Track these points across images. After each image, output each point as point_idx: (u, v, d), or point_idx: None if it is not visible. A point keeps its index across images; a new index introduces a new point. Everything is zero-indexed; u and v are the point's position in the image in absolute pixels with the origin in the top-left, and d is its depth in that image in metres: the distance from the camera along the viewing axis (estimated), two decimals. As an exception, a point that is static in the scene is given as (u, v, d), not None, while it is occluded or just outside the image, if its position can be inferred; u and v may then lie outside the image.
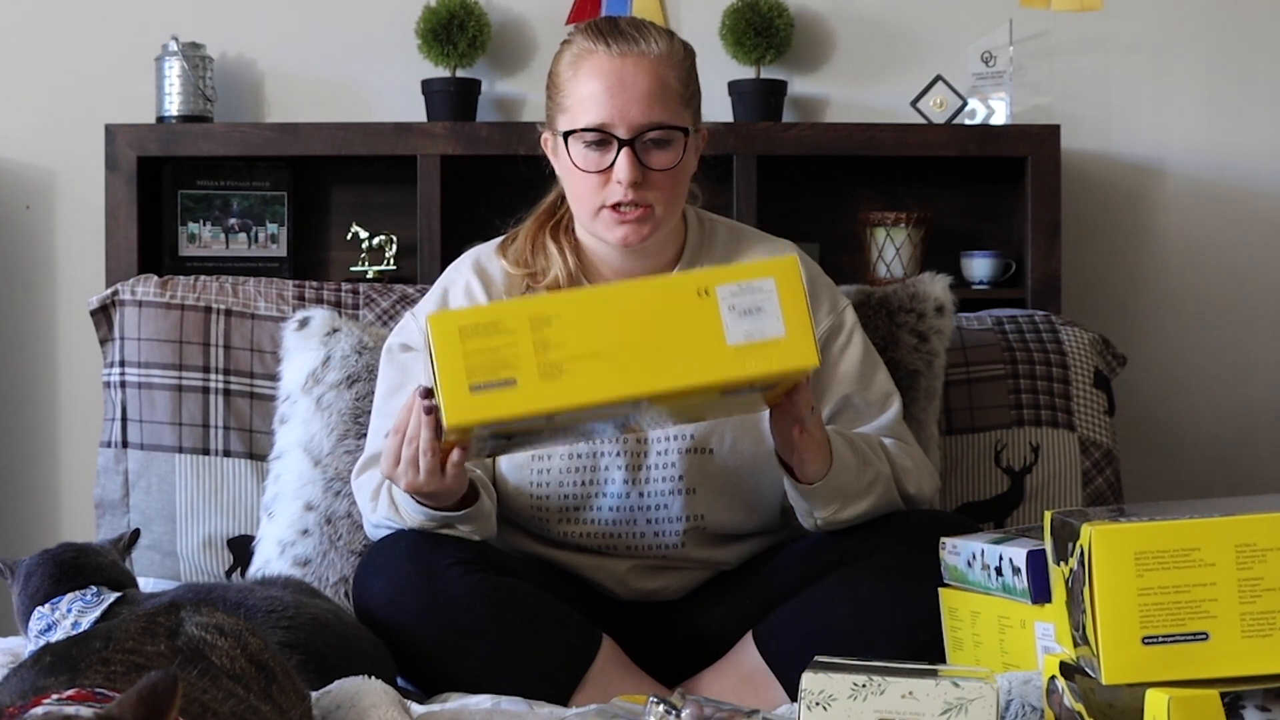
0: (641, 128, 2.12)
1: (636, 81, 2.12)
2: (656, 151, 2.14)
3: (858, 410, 2.25)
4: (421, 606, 2.03)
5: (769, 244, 2.32)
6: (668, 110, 2.14)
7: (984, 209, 3.13)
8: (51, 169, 3.13)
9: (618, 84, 2.12)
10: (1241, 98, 3.20)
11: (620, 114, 2.12)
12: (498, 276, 2.28)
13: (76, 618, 1.99)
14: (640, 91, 2.12)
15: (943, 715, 1.57)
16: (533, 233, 2.28)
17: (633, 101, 2.12)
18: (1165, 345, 3.20)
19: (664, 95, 2.14)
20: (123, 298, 2.71)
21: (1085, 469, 2.69)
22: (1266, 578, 1.55)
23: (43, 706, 1.26)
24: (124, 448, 2.66)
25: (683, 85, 2.17)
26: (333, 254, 3.11)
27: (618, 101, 2.12)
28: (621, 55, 2.13)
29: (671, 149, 2.15)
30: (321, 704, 1.73)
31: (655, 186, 2.14)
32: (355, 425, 2.47)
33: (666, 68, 2.15)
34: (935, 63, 3.11)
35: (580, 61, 2.15)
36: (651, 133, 2.13)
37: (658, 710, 1.68)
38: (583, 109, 2.13)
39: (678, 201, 2.20)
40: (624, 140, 2.12)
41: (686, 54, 2.20)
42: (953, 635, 2.03)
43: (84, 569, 2.07)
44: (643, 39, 2.15)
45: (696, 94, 2.21)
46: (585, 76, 2.14)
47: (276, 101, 3.15)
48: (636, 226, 2.16)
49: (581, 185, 2.16)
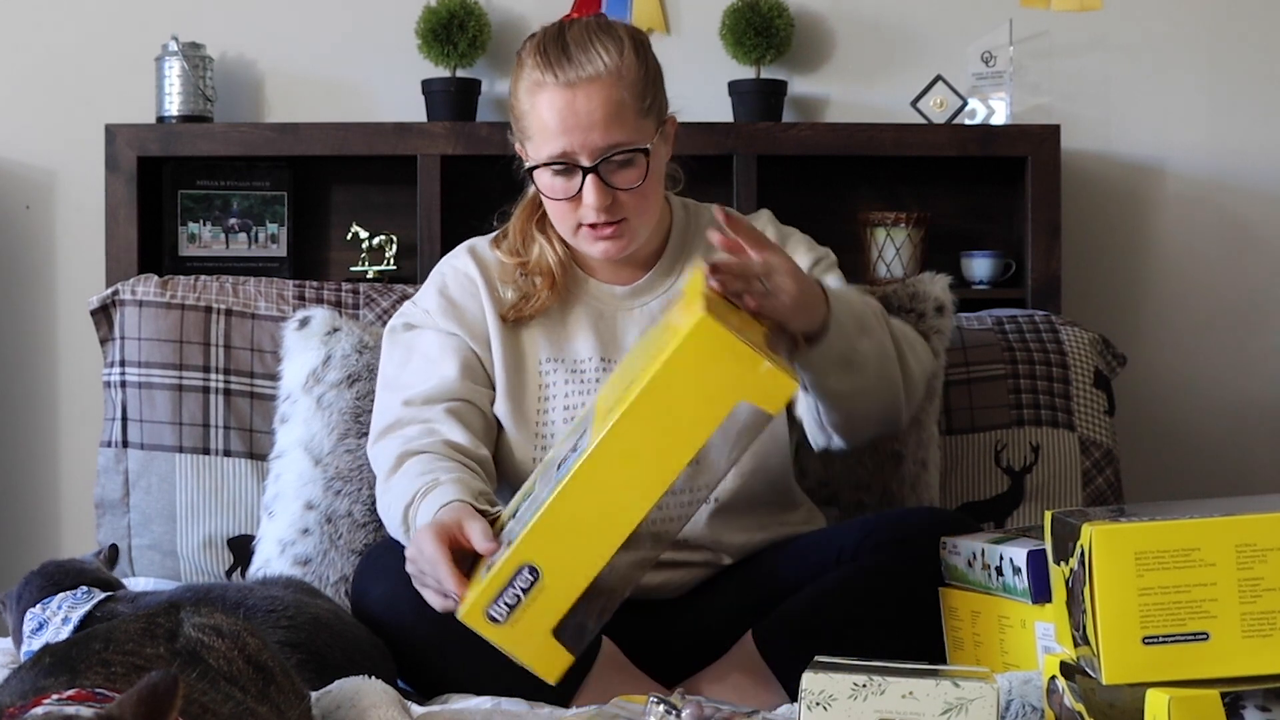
0: (602, 152, 2.13)
1: (590, 110, 2.12)
2: (620, 172, 2.16)
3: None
4: (419, 610, 2.03)
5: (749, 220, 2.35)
6: (625, 129, 2.14)
7: (984, 209, 3.13)
8: (51, 169, 3.13)
9: (571, 116, 2.13)
10: (1241, 98, 3.20)
11: (580, 144, 2.13)
12: (492, 262, 2.31)
13: (66, 613, 2.00)
14: (595, 120, 2.12)
15: (943, 715, 1.57)
16: (521, 225, 2.31)
17: (588, 130, 2.13)
18: (1165, 345, 3.19)
19: (620, 116, 2.14)
20: (123, 298, 2.71)
21: (1085, 469, 2.69)
22: (1267, 578, 1.55)
23: (43, 707, 1.26)
24: (124, 447, 2.66)
25: (638, 98, 2.16)
26: (333, 254, 3.11)
27: (575, 134, 2.13)
28: (571, 86, 2.13)
29: (635, 167, 2.16)
30: (321, 704, 1.73)
31: (627, 203, 2.17)
32: (356, 424, 2.47)
33: (618, 87, 2.14)
34: (935, 63, 3.11)
35: (535, 92, 2.16)
36: (614, 156, 2.14)
37: (658, 710, 1.68)
38: (544, 140, 2.15)
39: (653, 209, 2.22)
40: (587, 168, 2.14)
41: (638, 55, 2.18)
42: (953, 635, 2.03)
43: (71, 573, 2.11)
44: (589, 60, 2.13)
45: (657, 95, 2.21)
46: (541, 108, 2.15)
47: (276, 101, 3.15)
48: (615, 242, 2.20)
49: (557, 209, 2.20)
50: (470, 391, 2.22)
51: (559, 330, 2.27)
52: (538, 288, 2.26)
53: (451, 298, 2.29)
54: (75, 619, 1.99)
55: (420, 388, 2.21)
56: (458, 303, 2.28)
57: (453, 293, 2.29)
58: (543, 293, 2.26)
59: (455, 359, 2.24)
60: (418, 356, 2.25)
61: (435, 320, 2.27)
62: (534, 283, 2.27)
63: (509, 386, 2.25)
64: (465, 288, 2.29)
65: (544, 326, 2.27)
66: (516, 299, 2.27)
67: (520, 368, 2.26)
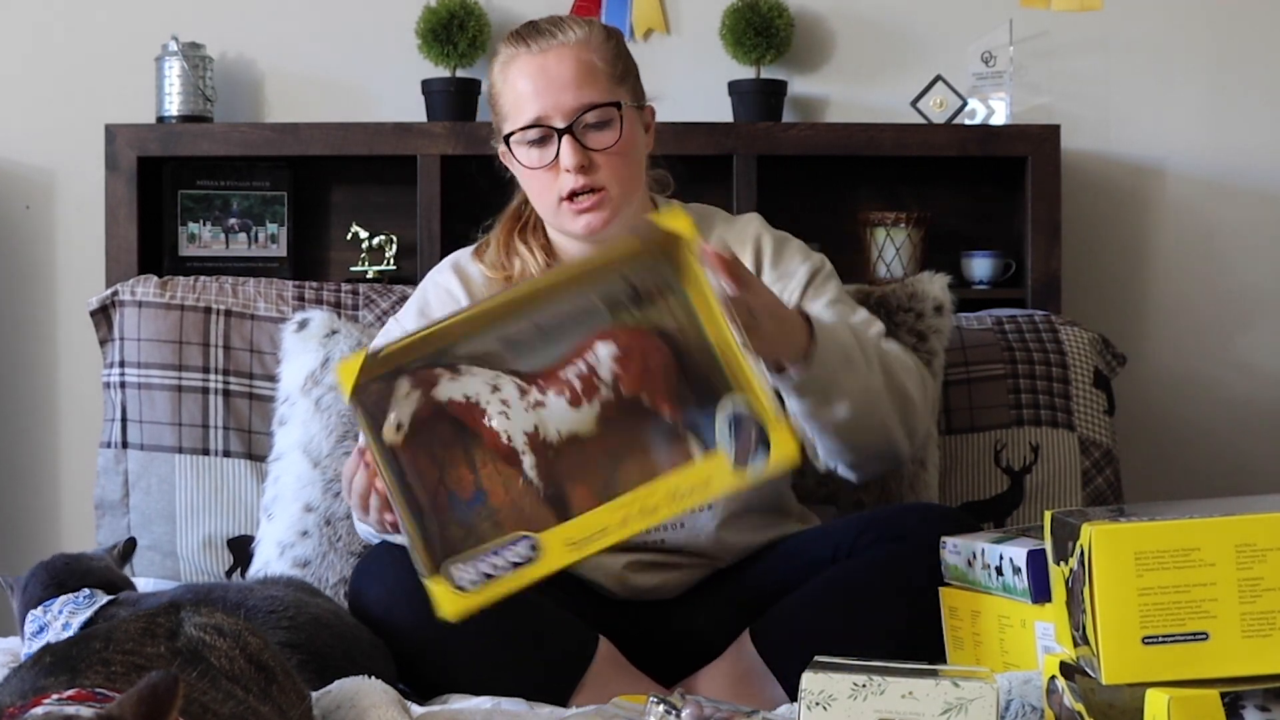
0: (574, 112, 2.17)
1: (561, 71, 2.18)
2: (595, 133, 2.18)
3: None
4: (417, 612, 2.03)
5: (734, 221, 2.36)
6: (597, 89, 2.18)
7: (984, 209, 3.13)
8: (51, 169, 3.13)
9: (543, 77, 2.18)
10: (1241, 98, 3.20)
11: (553, 104, 2.17)
12: (476, 278, 2.32)
13: (67, 618, 2.00)
14: (566, 79, 2.17)
15: (943, 715, 1.57)
16: (503, 237, 2.34)
17: (561, 90, 2.17)
18: (1165, 345, 3.20)
19: (591, 77, 2.18)
20: (123, 298, 2.71)
21: (1085, 469, 2.70)
22: (1266, 578, 1.55)
23: (43, 706, 1.26)
24: (124, 448, 2.66)
25: (609, 65, 2.21)
26: (333, 254, 3.12)
27: (547, 95, 2.17)
28: (543, 51, 2.19)
29: (610, 128, 2.19)
30: (321, 704, 1.73)
31: (604, 167, 2.19)
32: (355, 427, 2.47)
33: (588, 51, 2.20)
34: (935, 63, 3.11)
35: (507, 67, 2.22)
36: (586, 115, 2.17)
37: (658, 710, 1.68)
38: (518, 110, 2.19)
39: (633, 181, 2.23)
40: (561, 130, 2.17)
41: (609, 35, 2.25)
42: (953, 635, 2.03)
43: (76, 573, 2.10)
44: (560, 31, 2.21)
45: (630, 72, 2.25)
46: (513, 79, 2.20)
47: (276, 101, 3.15)
48: (596, 213, 2.20)
49: (536, 184, 2.22)
50: None
51: None
52: None
53: (432, 316, 2.29)
54: (75, 625, 1.98)
55: None
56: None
57: (433, 310, 2.30)
58: None
59: None
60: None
61: None
62: None
63: None
64: (445, 304, 2.30)
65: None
66: None
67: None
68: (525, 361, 1.80)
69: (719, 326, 1.80)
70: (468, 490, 1.78)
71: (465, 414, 1.79)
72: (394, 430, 1.78)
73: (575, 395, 1.81)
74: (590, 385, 1.81)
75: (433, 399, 1.79)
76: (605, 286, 1.81)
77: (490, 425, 1.80)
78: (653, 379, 1.81)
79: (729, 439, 1.78)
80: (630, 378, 1.80)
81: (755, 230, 2.33)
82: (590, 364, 1.81)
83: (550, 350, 1.81)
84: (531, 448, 1.79)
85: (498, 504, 1.77)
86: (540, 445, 1.79)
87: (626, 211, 2.23)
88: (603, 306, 1.81)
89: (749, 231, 2.32)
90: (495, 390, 1.81)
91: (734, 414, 1.77)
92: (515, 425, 1.80)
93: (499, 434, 1.79)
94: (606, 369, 1.81)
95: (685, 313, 1.81)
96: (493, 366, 1.81)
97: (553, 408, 1.80)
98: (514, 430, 1.79)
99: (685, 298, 1.81)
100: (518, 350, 1.81)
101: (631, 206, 2.24)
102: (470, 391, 1.80)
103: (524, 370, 1.80)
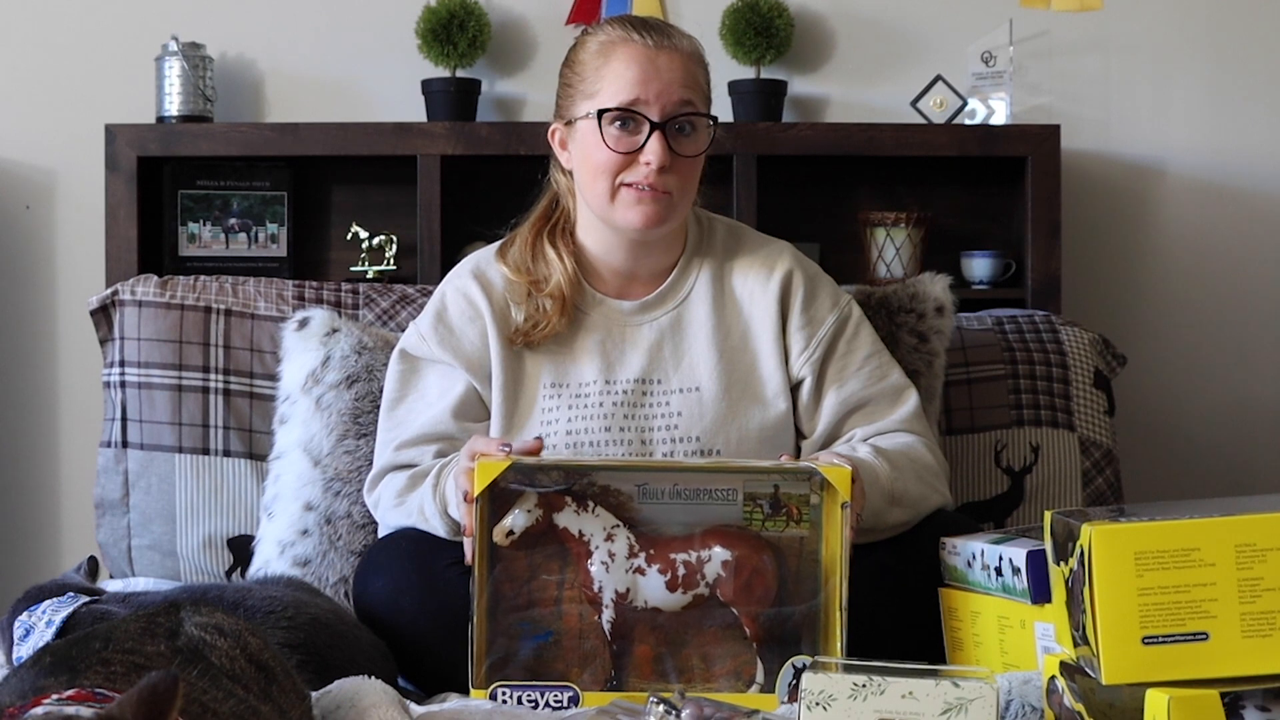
0: (674, 111, 2.19)
1: (671, 69, 2.20)
2: (684, 138, 2.21)
3: (874, 404, 2.26)
4: (421, 606, 2.04)
5: (765, 245, 2.35)
6: (698, 99, 2.22)
7: (984, 209, 3.13)
8: (51, 169, 3.13)
9: (652, 69, 2.19)
10: (1241, 98, 3.20)
11: (655, 96, 2.18)
12: (498, 282, 2.30)
13: (50, 616, 2.03)
14: (674, 78, 2.20)
15: (943, 715, 1.57)
16: (530, 238, 2.31)
17: (667, 85, 2.19)
18: (1165, 345, 3.19)
19: (695, 85, 2.22)
20: (123, 298, 2.71)
21: (1085, 469, 2.69)
22: (1266, 578, 1.55)
23: (43, 706, 1.26)
24: (124, 448, 2.66)
25: (706, 84, 2.26)
26: (333, 254, 3.11)
27: (653, 84, 2.19)
28: (656, 46, 2.21)
29: (698, 137, 2.22)
30: (321, 704, 1.73)
31: (677, 173, 2.20)
32: (355, 425, 2.47)
33: (695, 65, 2.24)
34: (935, 63, 3.11)
35: (611, 49, 2.22)
36: (681, 117, 2.19)
37: (658, 710, 1.68)
38: (616, 89, 2.19)
39: (691, 193, 2.26)
40: (655, 123, 2.17)
41: (705, 60, 2.28)
42: (953, 635, 2.03)
43: (56, 583, 2.14)
44: (674, 35, 2.24)
45: (711, 100, 2.28)
46: (618, 61, 2.20)
47: (276, 101, 3.15)
48: (655, 208, 2.20)
49: (601, 164, 2.20)
50: (462, 430, 2.24)
51: (564, 354, 2.26)
52: (548, 312, 2.25)
53: (450, 324, 2.29)
54: (58, 621, 2.01)
55: (412, 430, 2.26)
56: (455, 329, 2.28)
57: (451, 318, 2.29)
58: (553, 318, 2.25)
59: (449, 399, 2.26)
60: (413, 394, 2.29)
61: (431, 349, 2.28)
62: (544, 307, 2.25)
63: (506, 411, 2.24)
64: (465, 313, 2.29)
65: (549, 351, 2.27)
66: (525, 324, 2.26)
67: (520, 394, 2.26)
68: (649, 512, 1.97)
69: (834, 583, 1.95)
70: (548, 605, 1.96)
71: (573, 545, 1.96)
72: (504, 534, 1.95)
73: (675, 581, 1.96)
74: (692, 578, 1.97)
75: (551, 520, 1.96)
76: (755, 483, 1.97)
77: (590, 569, 1.96)
78: (750, 598, 1.97)
79: (785, 689, 1.95)
80: (730, 589, 1.96)
81: (788, 265, 2.32)
82: (701, 558, 1.97)
83: (676, 515, 1.98)
84: (616, 606, 1.96)
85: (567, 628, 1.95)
86: (624, 607, 1.96)
87: (676, 220, 2.25)
88: (740, 501, 1.97)
89: (780, 265, 2.31)
90: (609, 539, 1.97)
91: (802, 666, 1.88)
92: (610, 580, 1.96)
93: (594, 580, 1.97)
94: (713, 570, 1.97)
95: (809, 552, 1.97)
96: (620, 507, 1.97)
97: (651, 581, 1.96)
98: (607, 584, 1.96)
99: (819, 530, 1.96)
100: (649, 500, 1.97)
101: (682, 217, 2.27)
102: (586, 530, 1.96)
103: (643, 528, 1.97)
